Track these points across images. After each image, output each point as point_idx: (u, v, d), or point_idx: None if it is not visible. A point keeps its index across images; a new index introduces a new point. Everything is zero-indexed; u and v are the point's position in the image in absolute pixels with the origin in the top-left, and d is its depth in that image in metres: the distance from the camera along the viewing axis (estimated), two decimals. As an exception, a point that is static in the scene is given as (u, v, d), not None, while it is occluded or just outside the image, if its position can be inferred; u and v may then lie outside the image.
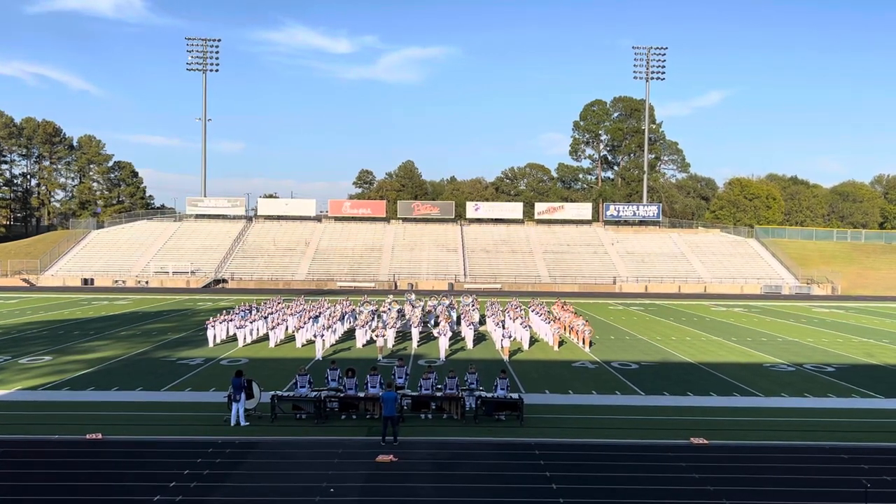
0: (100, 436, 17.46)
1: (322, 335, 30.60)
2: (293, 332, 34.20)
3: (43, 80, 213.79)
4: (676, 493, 14.21)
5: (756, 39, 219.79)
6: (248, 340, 33.27)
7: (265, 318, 35.41)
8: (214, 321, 33.68)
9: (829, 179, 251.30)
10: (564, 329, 35.66)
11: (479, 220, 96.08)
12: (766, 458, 16.49)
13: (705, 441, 17.68)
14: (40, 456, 16.09)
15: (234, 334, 33.60)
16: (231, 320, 34.70)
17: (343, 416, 19.75)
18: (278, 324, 33.73)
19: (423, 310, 40.47)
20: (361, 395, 20.00)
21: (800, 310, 56.35)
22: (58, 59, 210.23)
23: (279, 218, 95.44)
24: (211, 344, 32.59)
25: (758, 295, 74.70)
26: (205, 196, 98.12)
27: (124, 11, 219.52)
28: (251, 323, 34.21)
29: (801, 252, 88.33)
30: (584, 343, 33.33)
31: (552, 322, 34.65)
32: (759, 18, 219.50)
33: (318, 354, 29.64)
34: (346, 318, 37.08)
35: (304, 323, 33.69)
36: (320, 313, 36.52)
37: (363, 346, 32.69)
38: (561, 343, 33.21)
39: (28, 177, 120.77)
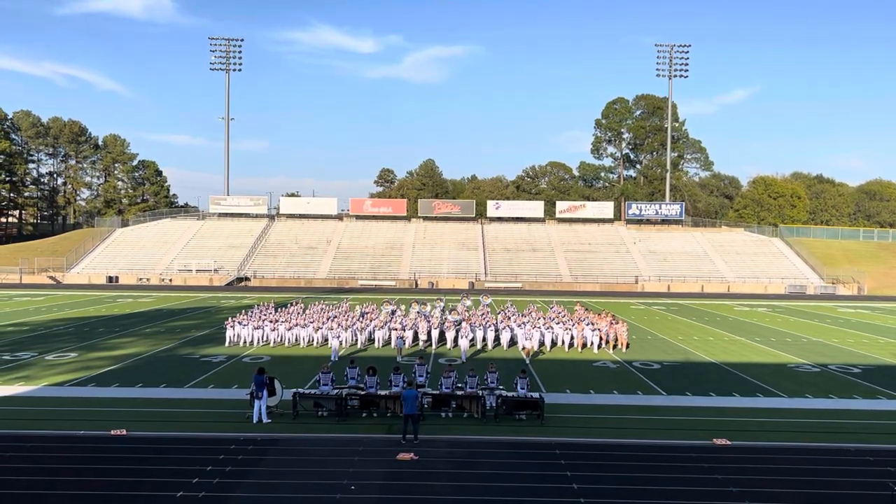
0: (124, 432, 17.69)
1: (341, 335, 30.66)
2: (313, 330, 34.32)
3: (72, 81, 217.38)
4: (699, 495, 14.08)
5: (781, 36, 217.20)
6: (270, 339, 33.45)
7: (287, 316, 35.57)
8: (234, 320, 33.90)
9: (856, 178, 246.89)
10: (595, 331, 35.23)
11: (499, 219, 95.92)
12: (789, 460, 16.29)
13: (728, 442, 17.51)
14: (65, 451, 16.33)
15: (255, 333, 33.74)
16: (252, 319, 34.87)
17: (364, 414, 19.83)
18: (299, 322, 33.88)
19: (442, 310, 40.42)
20: (382, 392, 20.06)
21: (825, 310, 55.57)
22: (87, 59, 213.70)
23: (301, 216, 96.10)
24: (232, 342, 32.81)
25: (782, 295, 73.80)
26: (228, 195, 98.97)
27: (153, 12, 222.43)
28: (272, 321, 34.39)
29: (826, 251, 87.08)
30: (604, 343, 33.07)
31: (576, 324, 34.35)
32: (784, 14, 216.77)
33: (337, 354, 29.72)
34: (365, 317, 37.16)
35: (324, 322, 33.83)
36: (340, 312, 36.64)
37: (382, 345, 32.75)
38: (584, 346, 32.89)
39: (54, 176, 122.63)
